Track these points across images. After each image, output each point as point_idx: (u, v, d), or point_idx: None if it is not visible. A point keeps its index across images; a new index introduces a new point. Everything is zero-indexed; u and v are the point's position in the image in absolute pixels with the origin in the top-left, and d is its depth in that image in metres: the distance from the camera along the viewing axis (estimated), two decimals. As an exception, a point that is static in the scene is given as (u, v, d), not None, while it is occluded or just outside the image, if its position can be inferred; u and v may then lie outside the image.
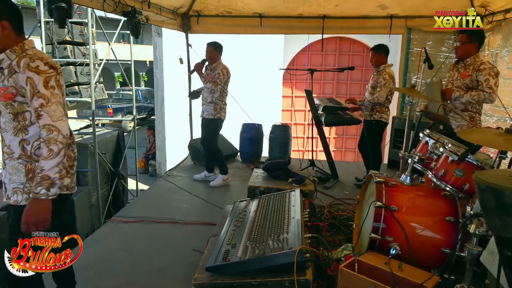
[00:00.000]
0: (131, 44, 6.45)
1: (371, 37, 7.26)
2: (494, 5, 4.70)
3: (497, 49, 4.59)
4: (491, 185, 0.91)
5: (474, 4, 4.90)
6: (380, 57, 4.27)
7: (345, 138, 8.95)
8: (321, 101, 4.72)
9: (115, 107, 14.71)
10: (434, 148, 2.55)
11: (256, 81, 7.93)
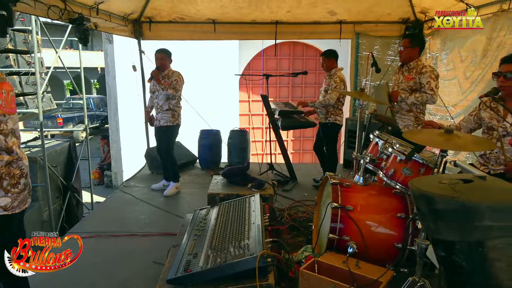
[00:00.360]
0: (80, 51, 6.20)
1: (323, 41, 7.49)
2: (433, 12, 5.02)
3: (436, 53, 4.91)
4: (423, 192, 0.98)
5: (415, 11, 5.24)
6: (330, 62, 4.43)
7: (303, 140, 9.16)
8: (277, 105, 4.80)
9: (65, 117, 14.05)
10: (384, 149, 2.69)
11: (213, 87, 7.93)
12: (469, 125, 2.75)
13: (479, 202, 0.92)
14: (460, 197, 0.93)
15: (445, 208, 0.94)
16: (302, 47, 8.79)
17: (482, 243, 0.91)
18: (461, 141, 2.00)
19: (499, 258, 0.90)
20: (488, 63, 3.76)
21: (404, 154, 2.45)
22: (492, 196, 0.95)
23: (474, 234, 0.91)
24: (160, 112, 4.30)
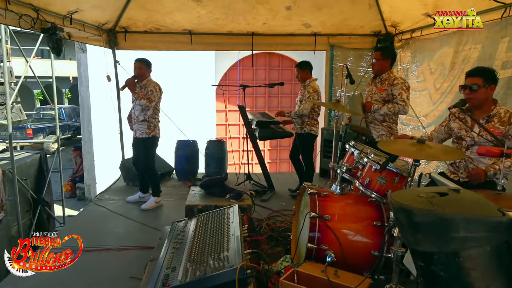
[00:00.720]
0: (52, 60, 6.05)
1: (298, 53, 7.64)
2: (402, 25, 5.23)
3: (407, 65, 5.10)
4: (403, 206, 1.02)
5: (386, 24, 5.43)
6: (304, 73, 4.52)
7: (279, 150, 9.23)
8: (254, 116, 4.83)
9: (35, 128, 13.58)
10: (359, 158, 2.75)
11: (189, 97, 7.89)
12: (440, 135, 2.86)
13: (454, 215, 0.97)
14: (437, 210, 0.98)
15: (423, 220, 0.98)
16: (278, 58, 8.90)
17: (458, 253, 0.95)
18: (432, 151, 2.08)
19: (474, 268, 0.95)
20: (456, 75, 3.93)
21: (379, 163, 2.51)
22: (466, 209, 1.00)
23: (450, 245, 0.96)
24: (136, 123, 4.24)
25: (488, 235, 0.96)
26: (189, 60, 7.61)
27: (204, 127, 7.93)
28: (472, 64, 3.65)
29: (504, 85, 3.20)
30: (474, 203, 1.03)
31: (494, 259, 0.95)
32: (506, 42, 3.28)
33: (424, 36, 4.72)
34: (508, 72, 3.19)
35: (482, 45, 3.57)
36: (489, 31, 3.53)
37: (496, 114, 2.55)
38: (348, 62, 5.67)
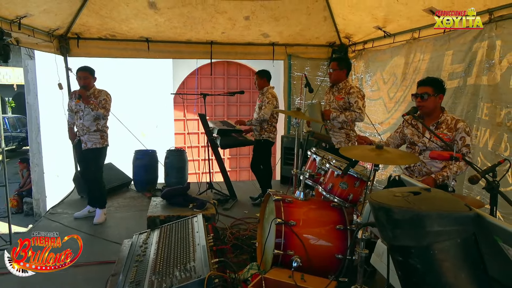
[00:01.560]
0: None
1: (257, 62, 7.74)
2: (355, 37, 5.49)
3: (361, 74, 5.35)
4: (382, 205, 1.10)
5: (340, 36, 5.67)
6: (262, 80, 4.63)
7: (239, 158, 9.25)
8: (215, 124, 4.83)
9: (-26, 139, 12.59)
10: (321, 164, 2.84)
11: (147, 106, 7.72)
12: (395, 141, 3.02)
13: (429, 211, 1.05)
14: (414, 207, 1.06)
15: (402, 217, 1.07)
16: (236, 67, 8.97)
17: (432, 246, 1.03)
18: (390, 156, 2.20)
19: (446, 259, 1.04)
20: (408, 85, 4.19)
21: (340, 169, 2.61)
22: (438, 205, 1.10)
23: (426, 238, 1.05)
24: (86, 134, 4.03)
25: (459, 228, 1.06)
26: (146, 68, 7.46)
27: (162, 136, 7.78)
28: (422, 75, 3.91)
29: (452, 95, 3.45)
30: (445, 200, 1.12)
31: (463, 250, 1.06)
32: (450, 55, 3.55)
33: (375, 47, 4.99)
34: (454, 83, 3.45)
35: (430, 57, 3.84)
36: (434, 44, 3.81)
37: (444, 121, 2.75)
38: (306, 71, 5.84)
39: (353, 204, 2.62)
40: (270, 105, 4.44)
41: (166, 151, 5.59)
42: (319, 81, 5.97)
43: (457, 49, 3.54)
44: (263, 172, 4.72)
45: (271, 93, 4.55)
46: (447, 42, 3.65)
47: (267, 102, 4.47)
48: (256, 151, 4.75)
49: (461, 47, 3.49)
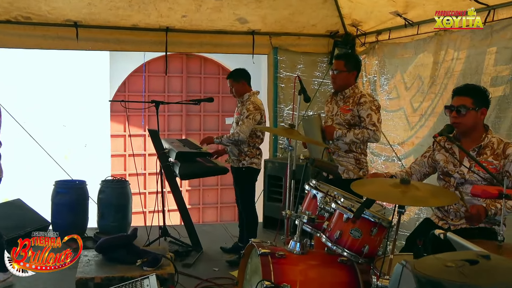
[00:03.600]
0: None
1: (229, 57, 7.83)
2: (366, 25, 5.68)
3: (374, 76, 5.51)
4: (431, 278, 1.15)
5: (345, 23, 5.85)
6: (240, 85, 4.66)
7: (203, 190, 9.21)
8: (172, 144, 4.84)
9: None
10: (325, 204, 2.89)
11: (72, 117, 7.62)
12: (423, 169, 3.13)
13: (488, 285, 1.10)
14: (470, 281, 1.12)
15: None
16: (199, 62, 9.03)
17: None
18: (420, 194, 2.28)
19: None
20: (438, 92, 4.35)
21: (352, 210, 2.67)
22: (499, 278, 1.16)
23: None
24: None
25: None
26: (73, 63, 7.39)
27: (94, 159, 7.67)
28: (456, 79, 4.06)
29: (496, 107, 3.61)
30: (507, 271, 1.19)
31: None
32: (493, 53, 3.72)
33: (393, 39, 5.17)
34: (498, 90, 3.62)
35: (466, 55, 4.01)
36: (472, 38, 3.99)
37: (488, 144, 2.86)
38: (298, 71, 5.96)
39: (370, 260, 2.67)
40: (250, 120, 4.46)
41: (101, 182, 5.52)
42: (316, 84, 6.11)
43: (503, 45, 3.70)
44: (245, 213, 4.74)
45: (254, 103, 4.56)
46: (489, 36, 3.83)
47: (246, 116, 4.48)
48: (235, 184, 4.78)
49: (508, 43, 3.65)
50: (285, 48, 6.06)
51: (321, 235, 2.82)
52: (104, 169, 7.48)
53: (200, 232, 5.10)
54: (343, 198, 2.81)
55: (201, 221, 8.83)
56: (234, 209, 9.14)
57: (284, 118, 6.12)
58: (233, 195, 5.06)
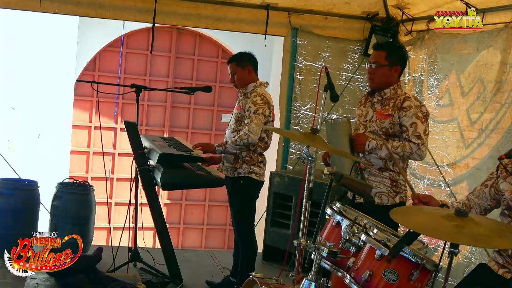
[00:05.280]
0: None
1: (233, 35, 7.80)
2: (414, 8, 5.68)
3: (421, 75, 5.49)
4: None
5: (387, 4, 5.84)
6: (244, 72, 4.67)
7: (185, 206, 9.18)
8: (153, 143, 4.82)
9: None
10: (351, 235, 2.86)
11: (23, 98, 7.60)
12: (483, 202, 3.10)
13: None
14: None
15: None
16: (192, 40, 9.02)
17: None
18: (481, 231, 2.25)
19: None
20: (504, 102, 4.31)
21: (388, 246, 2.65)
22: None
23: None
24: None
25: None
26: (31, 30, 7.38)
27: (49, 155, 7.64)
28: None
29: None
30: None
31: None
32: None
33: (449, 30, 5.12)
34: None
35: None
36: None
37: None
38: (323, 60, 5.94)
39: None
40: (260, 116, 4.47)
41: (56, 184, 5.50)
42: (345, 79, 6.08)
43: None
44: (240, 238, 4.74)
45: (261, 94, 4.58)
46: None
47: (253, 112, 4.49)
48: (230, 200, 4.78)
49: None
50: (308, 30, 6.06)
51: (345, 275, 2.80)
52: (61, 169, 7.47)
53: (180, 259, 5.08)
54: (376, 229, 2.79)
55: (181, 246, 8.79)
56: (224, 234, 9.13)
57: (300, 120, 6.10)
58: (223, 214, 5.06)
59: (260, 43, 5.98)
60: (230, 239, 8.50)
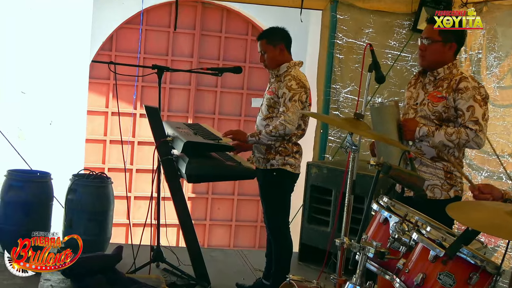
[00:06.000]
0: None
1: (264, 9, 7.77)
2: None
3: (478, 52, 5.41)
4: None
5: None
6: (276, 50, 4.69)
7: (212, 200, 9.21)
8: (177, 130, 4.84)
9: None
10: (401, 233, 2.84)
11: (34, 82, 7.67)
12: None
13: None
14: None
15: None
16: (219, 15, 9.01)
17: None
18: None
19: None
20: None
21: (443, 246, 2.62)
22: None
23: None
24: None
25: None
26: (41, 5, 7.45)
27: (63, 144, 7.72)
28: None
29: None
30: None
31: None
32: None
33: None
34: None
35: None
36: None
37: None
38: (366, 37, 5.90)
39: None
40: (296, 103, 4.48)
41: (71, 176, 5.57)
42: (391, 58, 6.03)
43: None
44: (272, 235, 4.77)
45: (297, 78, 4.59)
46: None
47: (288, 98, 4.50)
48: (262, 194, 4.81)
49: None
50: (349, 3, 6.03)
51: (394, 278, 2.79)
52: (75, 159, 7.55)
53: (207, 259, 5.10)
54: (429, 227, 2.76)
55: (207, 244, 8.83)
56: (254, 231, 9.14)
57: (340, 105, 6.09)
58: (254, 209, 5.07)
59: (295, 18, 5.94)
60: (261, 237, 8.49)
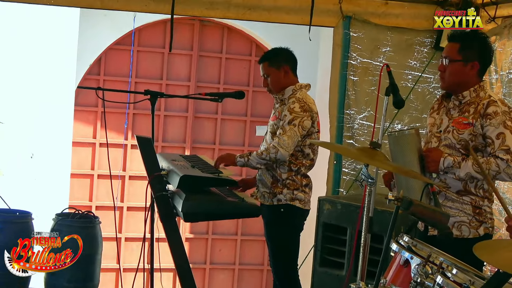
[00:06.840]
0: None
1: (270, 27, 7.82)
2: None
3: (509, 72, 5.43)
4: None
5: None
6: (280, 73, 4.77)
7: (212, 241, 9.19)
8: (173, 163, 4.86)
9: None
10: (424, 276, 2.84)
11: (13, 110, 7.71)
12: None
13: None
14: None
15: None
16: (219, 33, 9.06)
17: None
18: None
19: None
20: None
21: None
22: None
23: None
24: None
25: None
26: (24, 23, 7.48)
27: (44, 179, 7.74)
28: None
29: None
30: None
31: None
32: None
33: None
34: None
35: None
36: None
37: None
38: (383, 56, 5.93)
39: None
40: (295, 128, 4.52)
41: (54, 216, 5.58)
42: (411, 79, 6.04)
43: None
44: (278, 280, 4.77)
45: (301, 100, 4.64)
46: None
47: (288, 121, 4.55)
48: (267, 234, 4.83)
49: None
50: (364, 19, 6.07)
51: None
52: (59, 196, 7.56)
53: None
54: (456, 269, 2.76)
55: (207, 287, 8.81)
56: (260, 276, 9.11)
57: (355, 132, 6.10)
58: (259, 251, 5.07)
59: (304, 37, 5.99)
60: (268, 282, 8.48)
